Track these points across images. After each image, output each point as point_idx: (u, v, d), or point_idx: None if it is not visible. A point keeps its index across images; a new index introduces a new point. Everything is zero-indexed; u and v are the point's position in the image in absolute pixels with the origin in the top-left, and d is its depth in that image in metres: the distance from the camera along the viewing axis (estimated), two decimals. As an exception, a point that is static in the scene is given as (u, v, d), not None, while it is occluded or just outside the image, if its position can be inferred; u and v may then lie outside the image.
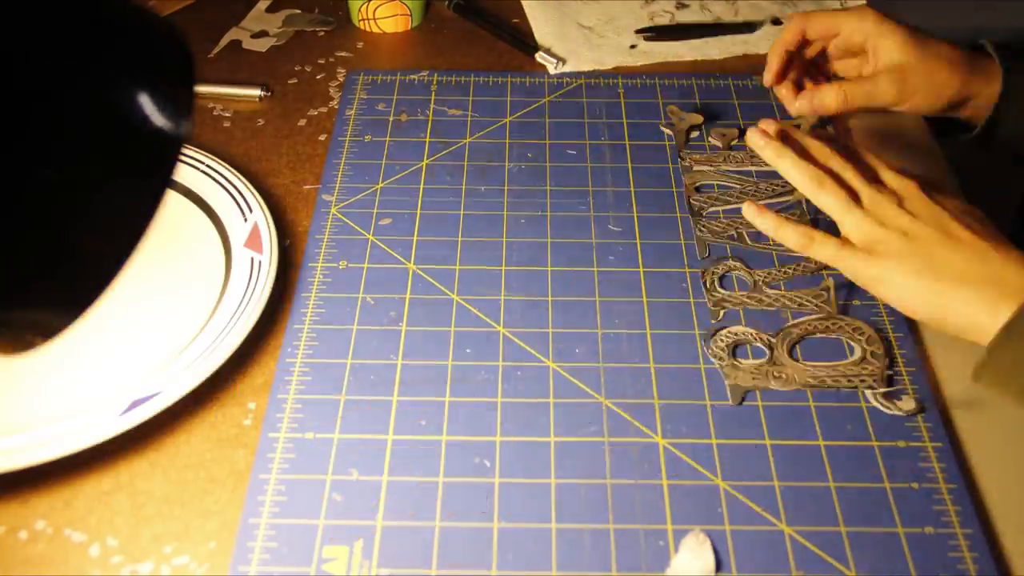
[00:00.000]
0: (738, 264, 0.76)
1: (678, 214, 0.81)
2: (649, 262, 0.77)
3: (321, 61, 0.99)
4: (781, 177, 0.70)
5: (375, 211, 0.81)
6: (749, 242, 0.78)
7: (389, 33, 1.04)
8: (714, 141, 0.89)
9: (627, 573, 0.58)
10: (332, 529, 0.60)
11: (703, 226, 0.79)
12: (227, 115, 0.92)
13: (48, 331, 0.38)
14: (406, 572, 0.58)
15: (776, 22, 1.05)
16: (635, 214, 0.81)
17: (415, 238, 0.79)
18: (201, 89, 0.94)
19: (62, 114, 0.34)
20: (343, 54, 1.00)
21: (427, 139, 0.89)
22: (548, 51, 0.97)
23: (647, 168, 0.86)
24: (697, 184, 0.84)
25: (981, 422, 0.67)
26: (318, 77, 0.97)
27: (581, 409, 0.67)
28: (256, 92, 0.94)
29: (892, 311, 0.73)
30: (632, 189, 0.84)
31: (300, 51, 1.01)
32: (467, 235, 0.79)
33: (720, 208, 0.81)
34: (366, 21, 1.03)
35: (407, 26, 1.04)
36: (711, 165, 0.86)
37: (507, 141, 0.89)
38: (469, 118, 0.92)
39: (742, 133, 0.87)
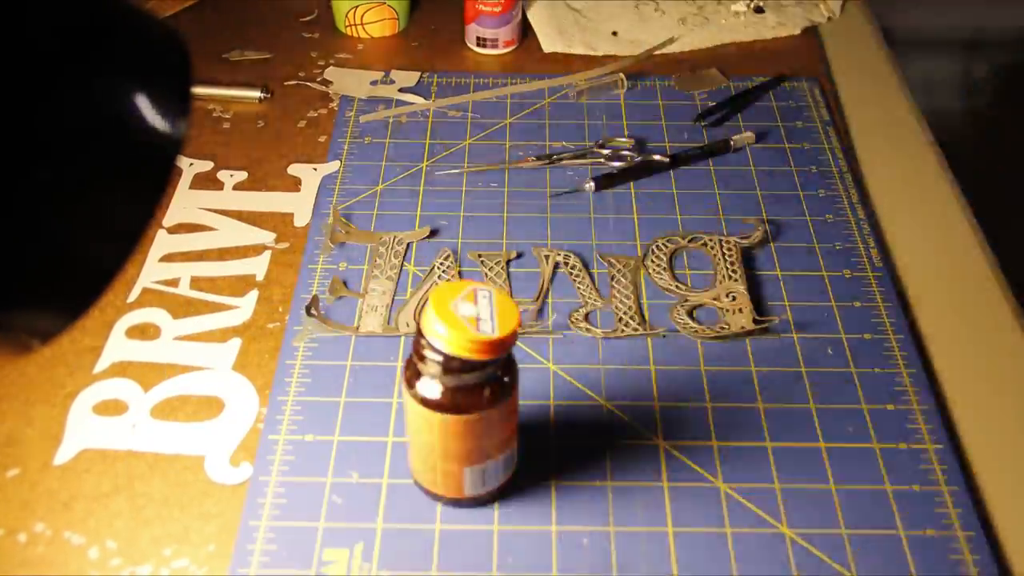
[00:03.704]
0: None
1: (678, 215, 0.81)
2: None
3: (321, 63, 0.99)
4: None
5: (375, 213, 0.81)
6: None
7: (376, 37, 1.03)
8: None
9: (627, 576, 0.58)
10: (332, 532, 0.60)
11: None
12: (227, 117, 0.92)
13: (46, 333, 0.38)
14: (406, 575, 0.58)
15: (759, 10, 1.05)
16: (635, 216, 0.81)
17: (415, 239, 0.79)
18: (200, 91, 0.94)
19: (58, 115, 0.34)
20: (342, 55, 1.00)
21: (427, 141, 0.89)
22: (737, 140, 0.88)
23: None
24: None
25: (982, 423, 0.67)
26: (318, 79, 0.97)
27: (582, 411, 0.66)
28: (256, 94, 0.94)
29: (892, 313, 0.73)
30: (632, 191, 0.84)
31: (299, 54, 1.01)
32: (467, 237, 0.79)
33: None
34: (353, 27, 1.02)
35: (394, 30, 1.04)
36: None
37: (507, 143, 0.89)
38: (469, 120, 0.92)
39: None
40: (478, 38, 1.00)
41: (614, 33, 1.02)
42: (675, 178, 0.85)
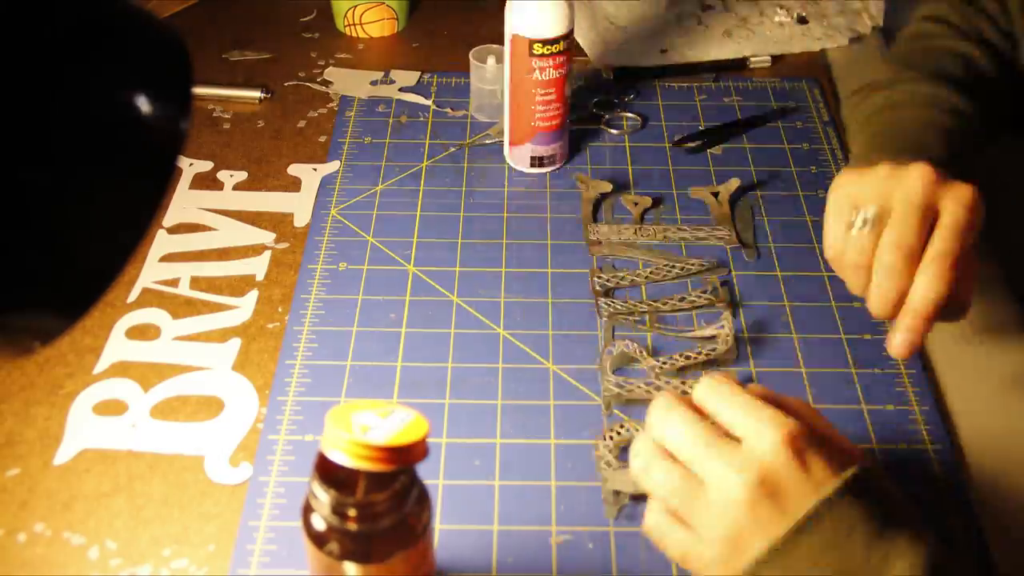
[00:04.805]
0: (636, 348, 0.67)
1: (678, 216, 0.81)
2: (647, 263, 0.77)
3: (321, 63, 0.99)
4: (689, 256, 0.57)
5: (375, 213, 0.81)
6: (657, 326, 0.71)
7: (376, 37, 1.03)
8: (627, 206, 0.81)
9: (627, 576, 0.58)
10: (332, 532, 0.60)
11: (608, 304, 0.72)
12: (227, 117, 0.92)
13: (46, 334, 0.38)
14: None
15: (802, 20, 1.04)
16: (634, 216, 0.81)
17: (415, 240, 0.79)
18: (201, 91, 0.94)
19: (59, 115, 0.34)
20: (342, 55, 1.00)
21: (427, 141, 0.89)
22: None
23: (646, 169, 0.86)
24: (607, 256, 0.76)
25: (982, 423, 0.67)
26: (318, 79, 0.97)
27: (581, 411, 0.66)
28: (256, 94, 0.94)
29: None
30: (632, 191, 0.84)
31: (299, 54, 1.00)
32: (467, 237, 0.79)
33: (626, 288, 0.74)
34: (352, 27, 1.02)
35: (393, 30, 1.04)
36: (619, 237, 0.78)
37: (507, 143, 0.89)
38: (469, 120, 0.92)
39: (656, 201, 0.81)
40: (533, 158, 0.84)
41: (663, 51, 1.00)
42: (674, 177, 0.85)
